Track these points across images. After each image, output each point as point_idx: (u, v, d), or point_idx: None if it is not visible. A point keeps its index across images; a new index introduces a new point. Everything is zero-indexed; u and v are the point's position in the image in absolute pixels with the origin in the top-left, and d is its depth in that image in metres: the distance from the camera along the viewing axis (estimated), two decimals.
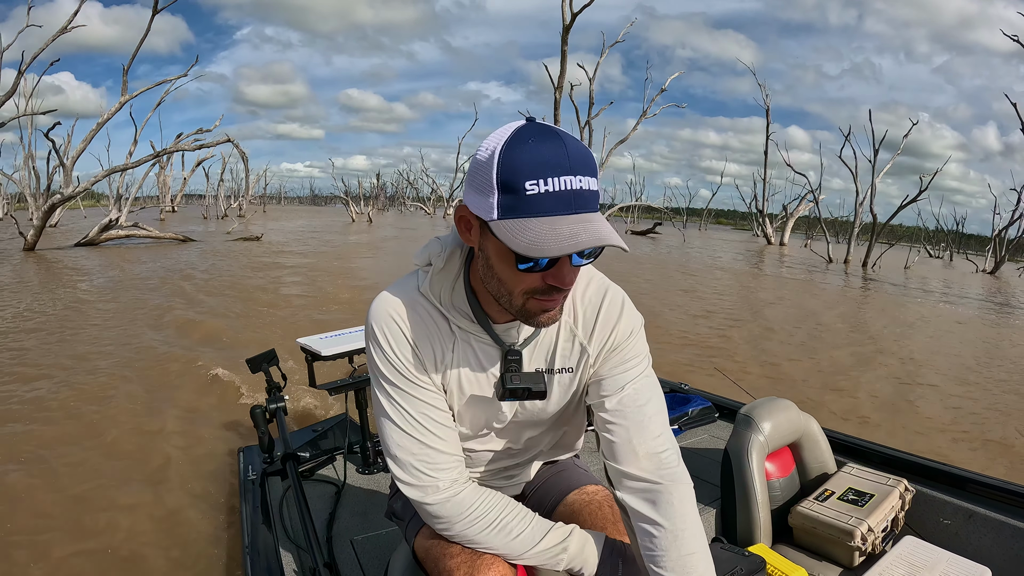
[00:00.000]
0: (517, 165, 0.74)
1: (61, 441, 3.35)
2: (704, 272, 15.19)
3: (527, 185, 0.74)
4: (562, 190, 0.74)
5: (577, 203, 0.75)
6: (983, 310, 12.32)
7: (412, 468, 0.94)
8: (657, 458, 0.93)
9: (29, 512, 2.61)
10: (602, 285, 1.01)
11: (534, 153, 0.75)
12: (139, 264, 10.86)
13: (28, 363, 4.64)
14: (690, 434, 2.49)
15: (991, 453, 3.96)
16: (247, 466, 2.25)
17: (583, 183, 0.75)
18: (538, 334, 0.97)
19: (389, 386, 0.95)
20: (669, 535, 0.89)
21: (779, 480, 1.74)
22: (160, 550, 2.35)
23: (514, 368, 0.95)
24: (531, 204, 0.74)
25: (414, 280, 0.97)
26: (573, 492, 1.14)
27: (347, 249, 16.22)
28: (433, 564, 1.00)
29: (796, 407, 1.79)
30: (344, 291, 8.56)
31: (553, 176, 0.74)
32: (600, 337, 0.98)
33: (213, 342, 5.55)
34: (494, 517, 0.94)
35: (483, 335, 0.95)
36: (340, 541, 1.79)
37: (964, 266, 30.56)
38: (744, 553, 1.40)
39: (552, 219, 0.74)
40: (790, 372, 5.65)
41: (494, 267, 0.84)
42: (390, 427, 0.95)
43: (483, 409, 1.01)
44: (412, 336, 0.94)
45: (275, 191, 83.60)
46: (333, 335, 2.22)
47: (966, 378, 5.97)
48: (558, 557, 0.94)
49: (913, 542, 1.50)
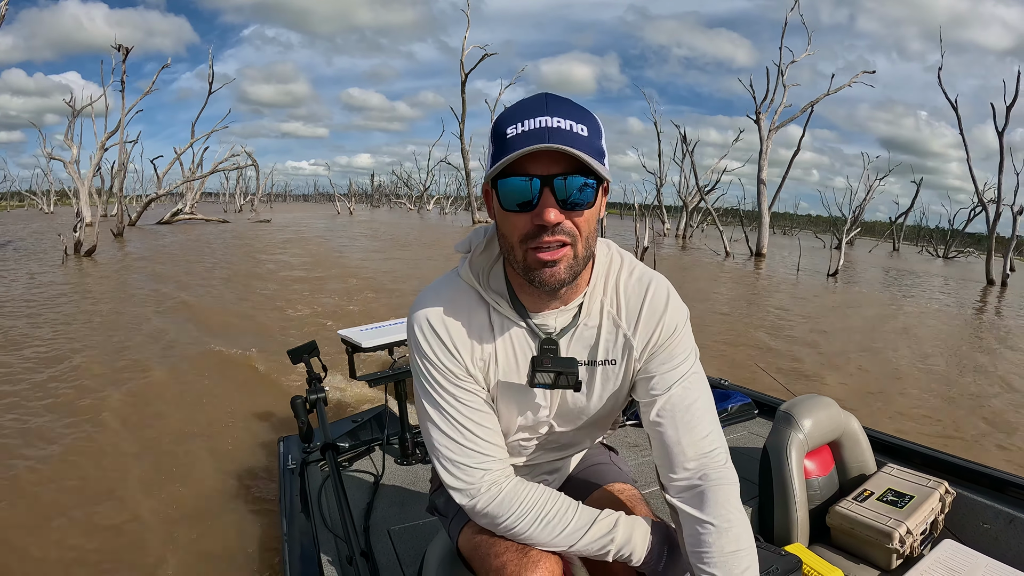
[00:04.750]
0: (504, 117, 0.84)
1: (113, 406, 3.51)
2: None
3: (508, 130, 0.81)
4: (536, 128, 0.80)
5: (552, 137, 0.79)
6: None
7: (455, 468, 0.96)
8: (705, 458, 0.94)
9: (79, 491, 2.73)
10: (645, 275, 1.00)
11: (519, 106, 0.83)
12: (201, 231, 19.52)
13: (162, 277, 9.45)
14: (729, 431, 2.48)
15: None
16: (287, 455, 2.30)
17: (561, 123, 0.80)
18: (576, 324, 0.97)
19: (430, 387, 0.97)
20: (714, 532, 0.89)
21: (818, 479, 1.72)
22: (200, 535, 2.44)
23: (549, 356, 0.95)
24: (511, 143, 0.80)
25: (454, 272, 1.00)
26: (600, 490, 1.15)
27: (320, 226, 25.24)
28: (480, 561, 1.01)
29: (837, 405, 1.77)
30: (310, 234, 19.88)
31: (529, 118, 0.81)
32: (646, 329, 0.97)
33: (254, 252, 13.39)
34: (539, 511, 0.95)
35: (520, 323, 0.96)
36: (377, 531, 1.82)
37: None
38: (780, 552, 1.39)
39: (517, 151, 0.79)
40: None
41: (498, 223, 0.89)
42: (432, 428, 0.97)
43: (523, 402, 1.01)
44: (451, 335, 0.95)
45: (281, 189, 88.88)
46: (374, 327, 2.26)
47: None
48: (606, 547, 0.94)
49: (952, 546, 1.48)
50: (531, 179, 0.81)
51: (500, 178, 0.83)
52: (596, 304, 0.98)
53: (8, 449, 3.13)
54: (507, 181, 0.82)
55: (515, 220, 0.84)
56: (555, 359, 0.94)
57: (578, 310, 0.97)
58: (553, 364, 0.94)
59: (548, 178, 0.81)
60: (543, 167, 0.81)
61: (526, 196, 0.82)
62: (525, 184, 0.81)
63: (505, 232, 0.87)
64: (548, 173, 0.81)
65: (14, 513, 2.55)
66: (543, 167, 0.81)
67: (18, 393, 3.98)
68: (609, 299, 0.98)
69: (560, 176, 0.81)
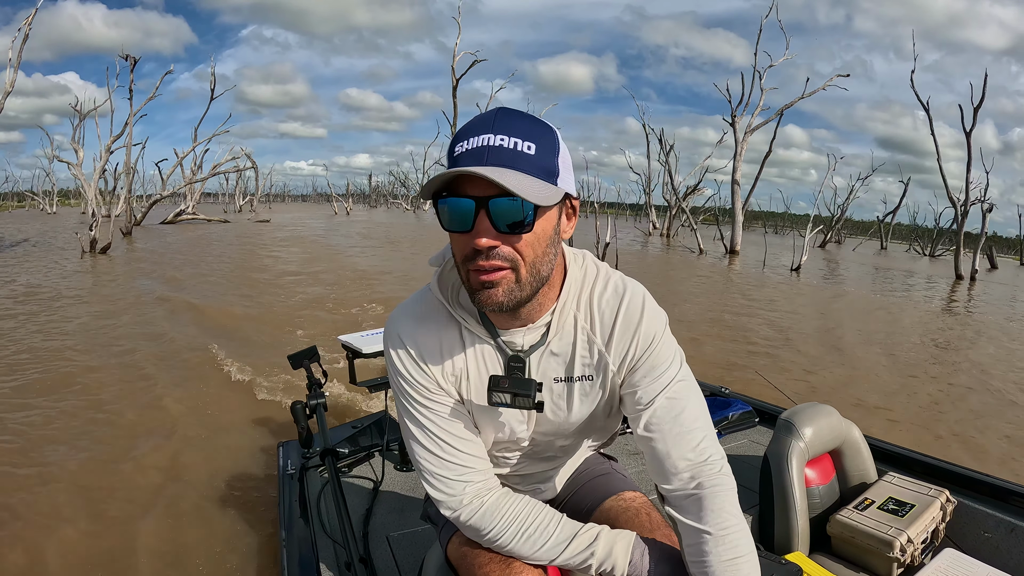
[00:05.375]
0: (457, 133, 0.82)
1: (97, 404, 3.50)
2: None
3: (456, 148, 0.81)
4: (477, 147, 0.78)
5: (491, 157, 0.77)
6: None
7: (436, 481, 0.96)
8: (699, 468, 0.92)
9: (69, 496, 2.72)
10: (619, 286, 0.97)
11: (471, 122, 0.82)
12: (204, 230, 20.59)
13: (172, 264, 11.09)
14: (730, 439, 2.47)
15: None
16: (286, 460, 2.30)
17: (504, 141, 0.78)
18: (546, 341, 0.95)
19: (407, 402, 0.97)
20: (711, 540, 0.87)
21: (819, 487, 1.72)
22: (198, 540, 2.43)
23: (515, 374, 0.93)
24: (455, 163, 0.80)
25: (427, 287, 0.99)
26: (611, 499, 1.13)
27: (316, 225, 26.87)
28: (466, 571, 1.01)
29: (838, 413, 1.76)
30: (305, 232, 21.24)
31: (474, 136, 0.79)
32: (621, 343, 0.95)
33: (258, 246, 15.13)
34: (520, 524, 0.94)
35: (489, 340, 0.95)
36: (376, 537, 1.82)
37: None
38: (781, 561, 1.38)
39: (443, 172, 0.78)
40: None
41: (450, 242, 0.88)
42: (413, 442, 0.98)
43: (498, 419, 1.00)
44: (422, 351, 0.95)
45: (280, 189, 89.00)
46: (374, 333, 2.26)
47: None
48: (588, 560, 0.93)
49: (953, 555, 1.47)
50: (465, 201, 0.79)
51: (439, 199, 0.81)
52: (569, 320, 0.95)
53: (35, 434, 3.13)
54: (445, 202, 0.80)
55: (455, 241, 0.84)
56: (513, 380, 0.92)
57: (546, 328, 0.95)
58: (511, 384, 0.91)
59: (483, 199, 0.77)
60: (480, 188, 0.78)
61: (463, 218, 0.79)
62: (459, 206, 0.79)
63: (454, 252, 0.87)
64: (484, 195, 0.77)
65: (13, 515, 2.54)
66: (480, 188, 0.78)
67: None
68: (583, 314, 0.96)
69: (494, 197, 0.77)
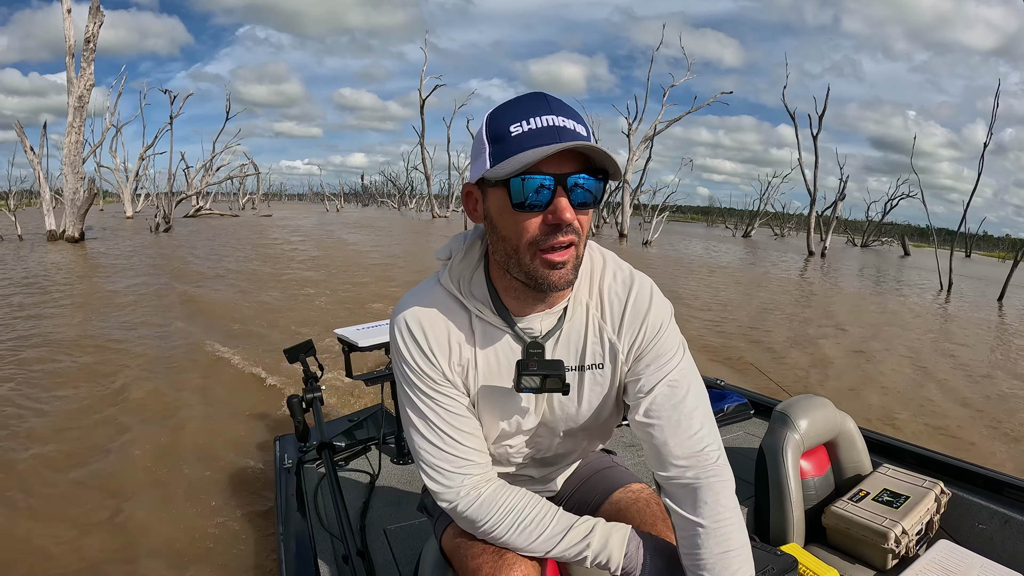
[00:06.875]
0: (502, 116, 0.82)
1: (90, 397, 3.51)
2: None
3: (511, 128, 0.80)
4: (545, 126, 0.79)
5: (562, 135, 0.79)
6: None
7: (435, 473, 0.96)
8: (696, 457, 0.91)
9: (63, 488, 2.72)
10: (628, 276, 0.99)
11: (516, 105, 0.82)
12: (220, 223, 25.32)
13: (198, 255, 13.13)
14: (725, 431, 2.48)
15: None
16: (283, 454, 2.30)
17: (567, 123, 0.80)
18: (561, 327, 0.96)
19: (411, 392, 0.96)
20: (703, 533, 0.87)
21: (814, 479, 1.73)
22: (195, 534, 2.43)
23: (535, 359, 0.93)
24: (518, 142, 0.79)
25: (435, 278, 0.99)
26: (619, 491, 1.13)
27: (309, 219, 32.40)
28: (459, 562, 1.01)
29: (833, 405, 1.77)
30: (300, 223, 27.39)
31: (535, 116, 0.80)
32: (630, 331, 0.96)
33: (263, 233, 20.34)
34: (516, 516, 0.94)
35: (504, 328, 0.95)
36: (373, 530, 1.82)
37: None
38: (776, 552, 1.38)
39: (537, 149, 0.78)
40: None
41: (498, 226, 0.86)
42: (414, 432, 0.97)
43: (507, 408, 0.99)
44: (429, 339, 0.94)
45: (277, 188, 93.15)
46: (370, 326, 2.25)
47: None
48: (583, 552, 0.92)
49: (947, 546, 1.48)
50: (547, 178, 0.79)
51: (515, 177, 0.79)
52: (581, 306, 0.97)
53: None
54: (525, 180, 0.79)
55: (523, 222, 0.82)
56: (541, 362, 0.92)
57: (563, 312, 0.96)
58: (540, 367, 0.91)
59: (562, 176, 0.79)
60: (555, 166, 0.79)
61: (543, 196, 0.80)
62: (541, 183, 0.79)
63: (509, 234, 0.84)
64: (562, 172, 0.79)
65: (13, 506, 2.54)
66: (555, 166, 0.79)
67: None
68: (594, 302, 0.97)
69: (573, 175, 0.80)
